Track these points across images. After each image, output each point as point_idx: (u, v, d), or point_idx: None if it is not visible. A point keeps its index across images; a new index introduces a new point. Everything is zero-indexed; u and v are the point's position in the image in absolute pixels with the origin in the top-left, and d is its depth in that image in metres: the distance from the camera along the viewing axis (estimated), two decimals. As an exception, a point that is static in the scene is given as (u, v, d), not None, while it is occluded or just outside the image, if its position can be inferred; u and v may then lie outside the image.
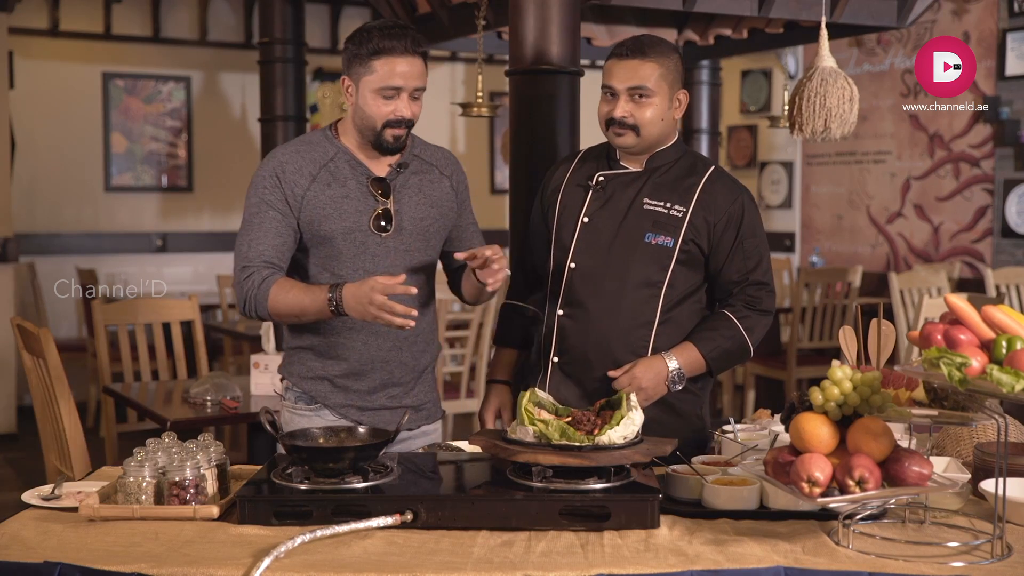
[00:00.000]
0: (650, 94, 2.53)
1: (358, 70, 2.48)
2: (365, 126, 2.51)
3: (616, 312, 2.57)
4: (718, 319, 2.59)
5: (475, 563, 1.78)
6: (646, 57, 2.52)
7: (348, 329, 2.54)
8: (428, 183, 2.61)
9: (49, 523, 2.02)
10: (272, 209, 2.49)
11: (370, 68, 2.46)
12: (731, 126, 8.79)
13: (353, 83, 2.50)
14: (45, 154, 7.78)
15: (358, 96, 2.50)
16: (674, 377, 2.54)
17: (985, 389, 1.76)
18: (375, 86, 2.46)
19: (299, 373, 2.61)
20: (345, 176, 2.53)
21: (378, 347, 2.56)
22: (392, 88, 2.46)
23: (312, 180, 2.51)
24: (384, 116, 2.47)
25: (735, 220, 2.58)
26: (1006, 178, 7.02)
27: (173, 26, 8.15)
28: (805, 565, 1.78)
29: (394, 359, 2.58)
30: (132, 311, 4.61)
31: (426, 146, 2.67)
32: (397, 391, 2.60)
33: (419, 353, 2.62)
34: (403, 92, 2.47)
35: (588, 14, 4.45)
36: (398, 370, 2.59)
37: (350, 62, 2.50)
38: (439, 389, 4.61)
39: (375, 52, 2.45)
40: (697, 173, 2.61)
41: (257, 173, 2.55)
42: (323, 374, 2.57)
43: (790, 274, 8.03)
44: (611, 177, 2.64)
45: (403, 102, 2.48)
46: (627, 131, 2.55)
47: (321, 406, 2.58)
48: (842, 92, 2.98)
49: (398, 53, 2.45)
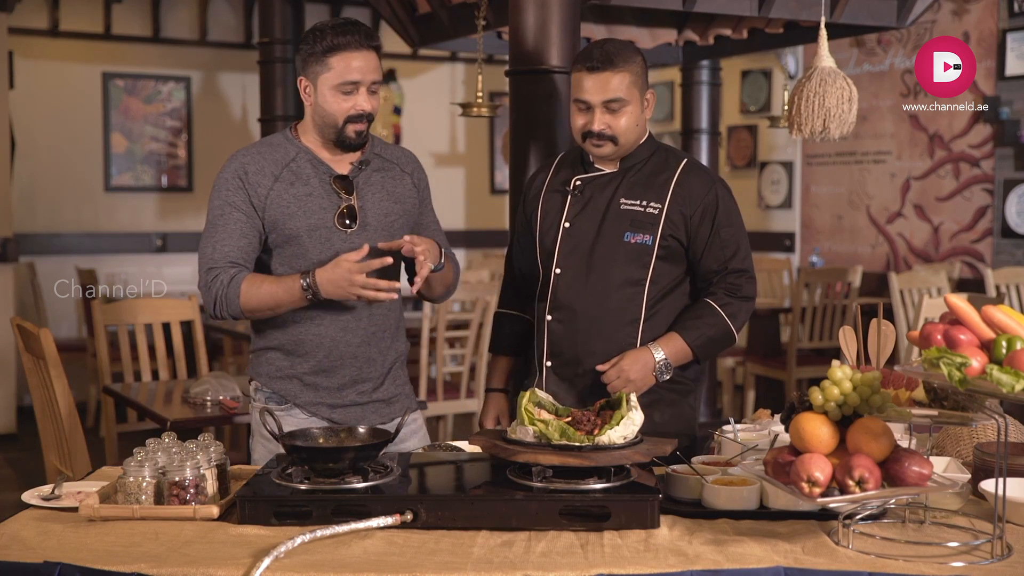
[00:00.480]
0: (624, 103, 2.57)
1: (315, 68, 2.51)
2: (326, 124, 2.53)
3: (602, 313, 2.62)
4: (701, 308, 2.63)
5: (475, 563, 1.78)
6: (616, 68, 2.55)
7: (316, 326, 2.56)
8: (390, 180, 2.64)
9: (49, 523, 2.02)
10: (236, 210, 2.51)
11: (327, 65, 2.49)
12: (731, 126, 8.79)
13: (311, 83, 2.54)
14: (45, 154, 7.78)
15: (316, 95, 2.53)
16: (661, 367, 2.58)
17: (985, 389, 1.76)
18: (333, 83, 2.49)
19: (267, 373, 2.62)
20: (308, 175, 2.55)
21: (347, 343, 2.57)
22: (350, 83, 2.49)
23: (275, 180, 2.54)
24: (345, 112, 2.50)
25: (710, 211, 2.61)
26: (1006, 178, 7.02)
27: (173, 26, 8.15)
28: (805, 565, 1.78)
29: (362, 355, 2.59)
30: (132, 311, 4.61)
31: (386, 145, 2.71)
32: (366, 387, 2.62)
33: (386, 348, 2.64)
34: (361, 86, 2.51)
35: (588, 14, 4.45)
36: (367, 366, 2.60)
37: (305, 62, 2.53)
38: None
39: (330, 49, 2.48)
40: (670, 168, 2.65)
41: (219, 176, 2.57)
42: (291, 372, 2.59)
43: (790, 274, 8.03)
44: (587, 180, 2.68)
45: (362, 96, 2.51)
46: (606, 142, 2.59)
47: (292, 405, 2.59)
48: (841, 92, 2.98)
49: (353, 48, 2.48)
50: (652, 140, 2.71)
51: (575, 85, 2.62)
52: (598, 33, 4.64)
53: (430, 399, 5.45)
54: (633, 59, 2.58)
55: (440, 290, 2.68)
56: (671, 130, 8.87)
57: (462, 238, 9.27)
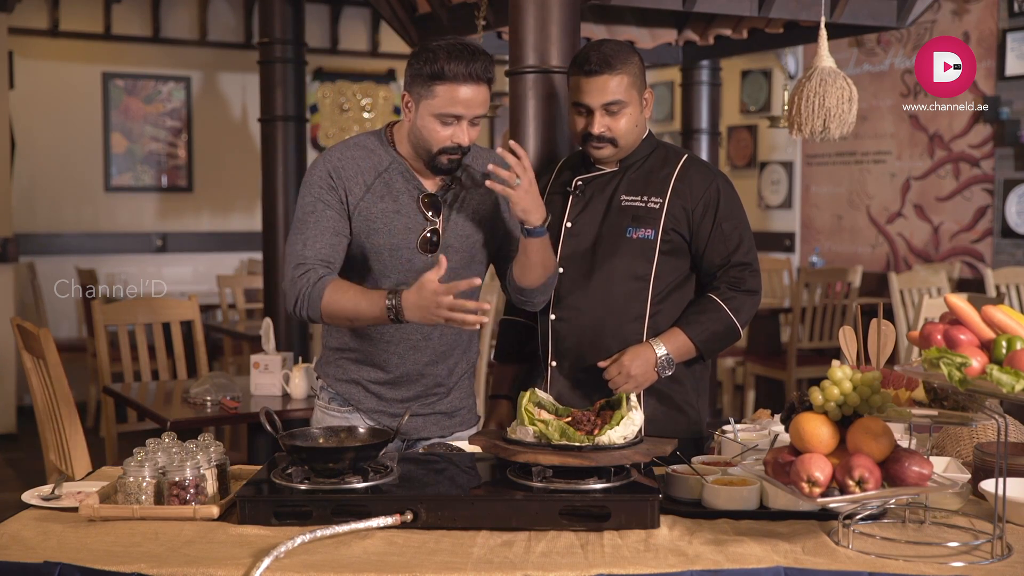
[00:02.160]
0: (623, 105, 2.57)
1: (419, 90, 2.38)
2: (420, 146, 2.43)
3: (607, 309, 2.61)
4: (704, 302, 2.62)
5: (475, 563, 1.78)
6: (614, 70, 2.54)
7: (386, 342, 2.50)
8: (478, 199, 2.53)
9: (49, 523, 2.02)
10: (329, 208, 2.42)
11: (432, 91, 2.36)
12: (731, 126, 8.79)
13: (413, 101, 2.41)
14: (45, 154, 7.78)
15: (416, 115, 2.40)
16: (663, 363, 2.56)
17: (985, 389, 1.76)
18: (435, 111, 2.36)
19: (335, 375, 2.59)
20: (398, 190, 2.47)
21: (415, 361, 2.52)
22: (452, 116, 2.36)
23: (367, 189, 2.45)
24: (441, 142, 2.39)
25: (711, 205, 2.60)
26: (1006, 178, 7.02)
27: (173, 26, 8.15)
28: (805, 565, 1.78)
29: (430, 372, 2.55)
30: (132, 311, 4.61)
31: (479, 152, 2.57)
32: (432, 400, 2.58)
33: (455, 364, 2.59)
34: (463, 120, 2.38)
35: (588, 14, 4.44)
36: (433, 382, 2.56)
37: (412, 80, 2.39)
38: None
39: (438, 75, 2.34)
40: (670, 164, 2.65)
41: (312, 172, 2.47)
42: (358, 378, 2.56)
43: (790, 274, 8.03)
44: (588, 180, 2.68)
45: (462, 128, 2.38)
46: (605, 144, 2.59)
47: (354, 409, 2.58)
48: (841, 92, 2.98)
49: (462, 80, 2.33)
50: (652, 138, 2.71)
51: (573, 89, 2.61)
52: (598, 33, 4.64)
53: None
54: (630, 60, 2.58)
55: (540, 273, 2.50)
56: (671, 130, 8.87)
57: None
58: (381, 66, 8.96)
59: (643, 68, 2.63)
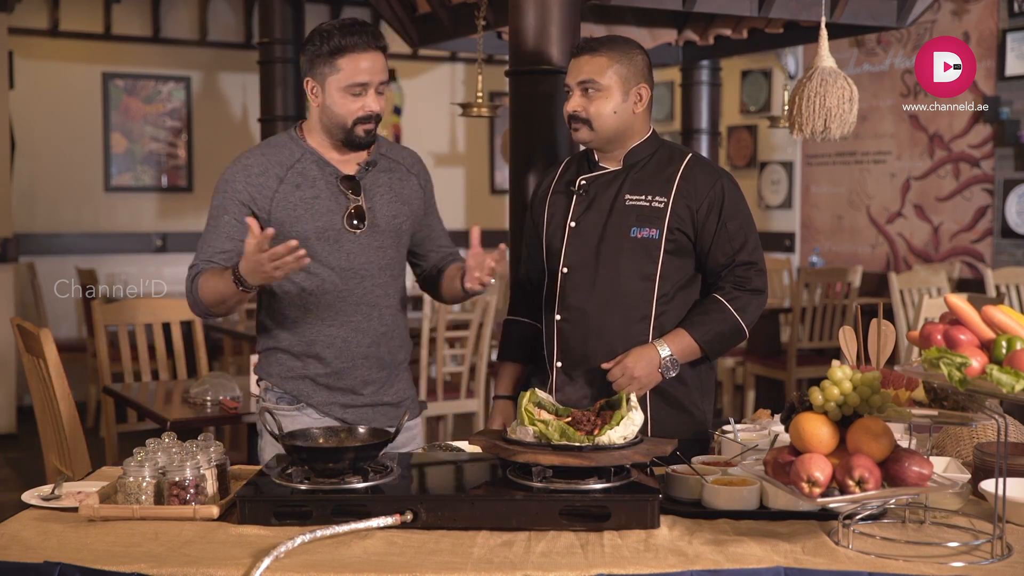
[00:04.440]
0: (599, 87, 2.57)
1: (322, 70, 2.50)
2: (335, 125, 2.53)
3: (612, 309, 2.59)
4: (709, 303, 2.61)
5: (475, 563, 1.78)
6: (596, 52, 2.57)
7: (327, 327, 2.57)
8: (397, 181, 2.64)
9: (49, 523, 2.02)
10: (227, 214, 2.52)
11: (335, 67, 2.48)
12: (731, 126, 8.79)
13: (318, 84, 2.52)
14: (45, 154, 7.78)
15: (325, 96, 2.52)
16: (667, 364, 2.55)
17: (985, 389, 1.76)
18: (342, 84, 2.49)
19: (279, 373, 2.62)
20: (314, 176, 2.55)
21: (358, 343, 2.58)
22: (359, 84, 2.49)
23: (280, 182, 2.53)
24: (354, 113, 2.50)
25: (716, 204, 2.60)
26: (1006, 178, 7.02)
27: (173, 26, 8.15)
28: (805, 565, 1.78)
29: (372, 355, 2.60)
30: (132, 311, 4.61)
31: (392, 145, 2.72)
32: (374, 388, 2.63)
33: (395, 349, 2.66)
34: (369, 87, 2.50)
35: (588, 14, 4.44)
36: (376, 366, 2.61)
37: (312, 63, 2.52)
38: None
39: (337, 50, 2.47)
40: (675, 163, 2.64)
41: (221, 177, 2.57)
42: (304, 374, 2.59)
43: (790, 274, 8.03)
44: (592, 179, 2.68)
45: (371, 97, 2.51)
46: (581, 125, 2.60)
47: (304, 405, 2.60)
48: (842, 92, 2.98)
49: (360, 49, 2.47)
50: (656, 137, 2.70)
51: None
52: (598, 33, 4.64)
53: (430, 399, 5.45)
54: (624, 50, 2.59)
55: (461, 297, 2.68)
56: (671, 130, 8.87)
57: (462, 238, 9.26)
58: (381, 66, 8.96)
59: (639, 63, 2.61)
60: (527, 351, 2.81)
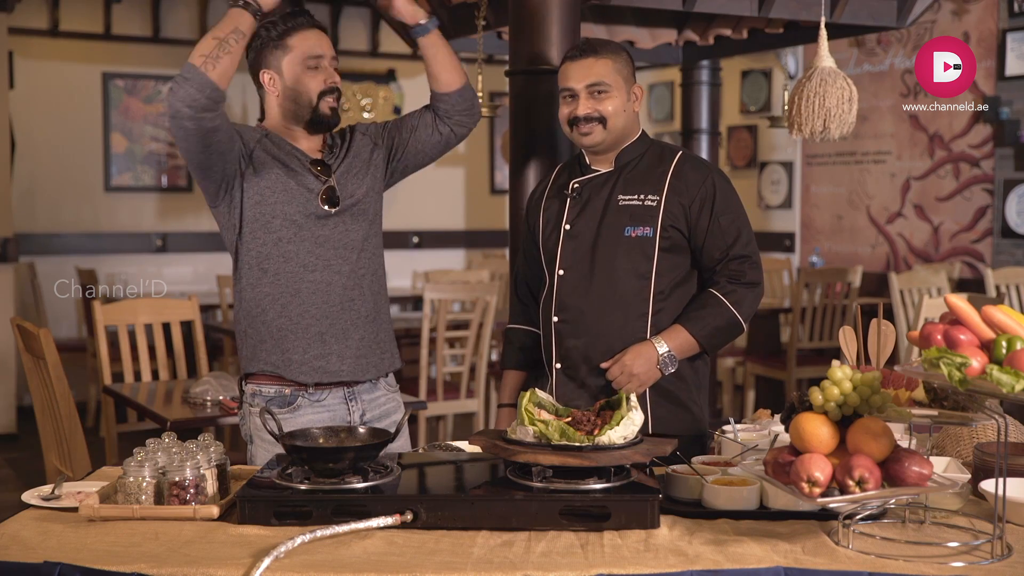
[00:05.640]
0: (608, 88, 2.60)
1: (275, 55, 2.57)
2: (300, 105, 2.58)
3: (609, 309, 2.61)
4: (705, 298, 2.63)
5: (475, 563, 1.78)
6: (598, 55, 2.61)
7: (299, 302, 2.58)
8: (356, 150, 2.69)
9: (49, 523, 2.02)
10: None
11: (287, 47, 2.56)
12: (731, 126, 8.79)
13: (274, 71, 2.58)
14: (45, 154, 7.78)
15: (283, 79, 2.58)
16: (665, 360, 2.57)
17: (985, 389, 1.76)
18: (298, 60, 2.56)
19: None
20: (287, 152, 2.59)
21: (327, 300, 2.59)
22: (315, 56, 2.56)
23: (257, 143, 2.58)
24: (318, 86, 2.57)
25: (708, 200, 2.61)
26: (1006, 178, 7.02)
27: (173, 26, 8.15)
28: (805, 565, 1.78)
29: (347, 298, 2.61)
30: (132, 311, 4.61)
31: (344, 131, 2.77)
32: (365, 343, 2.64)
33: (376, 293, 2.68)
34: (324, 60, 2.58)
35: (588, 14, 4.44)
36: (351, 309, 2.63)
37: (261, 55, 2.58)
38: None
39: (285, 32, 2.56)
40: (665, 161, 2.66)
41: None
42: (285, 374, 2.60)
43: (790, 274, 8.03)
44: (585, 182, 2.69)
45: (328, 70, 2.58)
46: (593, 125, 2.61)
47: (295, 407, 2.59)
48: (841, 92, 2.98)
49: (306, 27, 2.57)
50: (646, 137, 2.72)
51: (560, 78, 2.66)
52: (598, 33, 4.64)
53: (430, 399, 5.45)
54: (616, 51, 2.64)
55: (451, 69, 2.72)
56: (671, 130, 8.87)
57: (462, 238, 9.27)
58: (381, 66, 8.96)
59: (631, 63, 2.66)
60: (529, 358, 2.82)
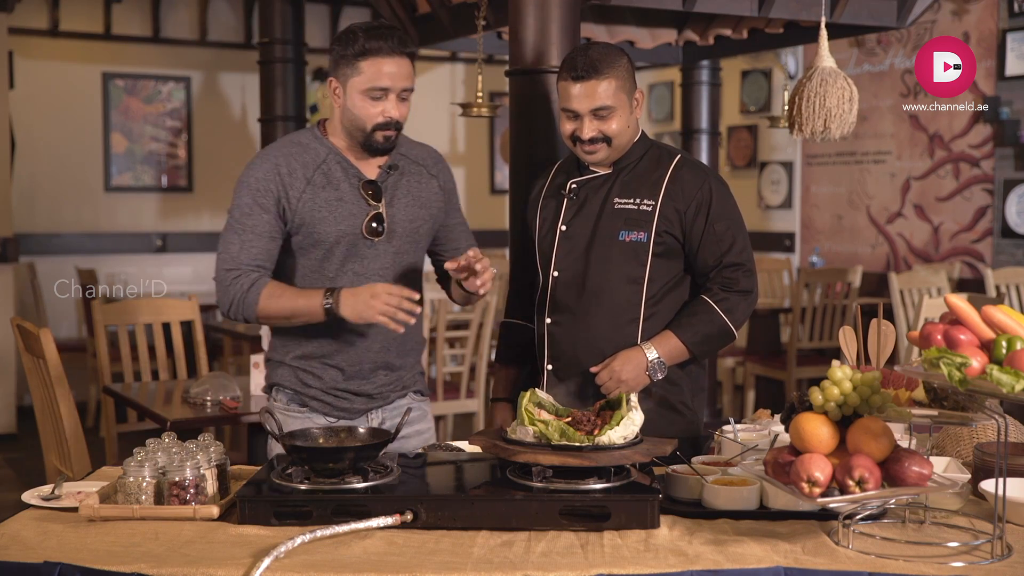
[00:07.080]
0: (612, 110, 2.56)
1: (345, 71, 2.49)
2: (354, 127, 2.52)
3: (601, 312, 2.61)
4: (696, 305, 2.62)
5: (475, 563, 1.78)
6: (601, 75, 2.54)
7: (347, 332, 2.54)
8: (417, 184, 2.63)
9: (49, 523, 2.02)
10: (266, 212, 2.49)
11: (357, 69, 2.47)
12: (731, 126, 8.79)
13: (340, 84, 2.51)
14: (45, 154, 7.78)
15: (346, 98, 2.50)
16: (654, 367, 2.56)
17: (985, 389, 1.77)
18: (362, 87, 2.47)
19: (290, 385, 2.61)
20: (338, 179, 2.53)
21: (367, 348, 2.57)
22: (379, 89, 2.47)
23: (307, 183, 2.51)
24: (373, 118, 2.49)
25: (704, 206, 2.59)
26: (1006, 178, 7.02)
27: (173, 26, 8.15)
28: (805, 565, 1.78)
29: (381, 360, 2.60)
30: (132, 311, 4.61)
31: (412, 145, 2.69)
32: (382, 383, 2.63)
33: (406, 353, 2.65)
34: (391, 93, 2.49)
35: (588, 14, 4.44)
36: (385, 369, 2.62)
37: (336, 64, 2.51)
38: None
39: (361, 53, 2.45)
40: (663, 165, 2.64)
41: (250, 173, 2.53)
42: (313, 384, 2.58)
43: (790, 274, 8.03)
44: (582, 183, 2.68)
45: (391, 103, 2.49)
46: (599, 145, 2.58)
47: (311, 411, 2.59)
48: (842, 92, 2.98)
49: (384, 54, 2.45)
50: (645, 139, 2.70)
51: (561, 94, 2.60)
52: (598, 33, 4.64)
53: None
54: (618, 63, 2.57)
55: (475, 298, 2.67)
56: (671, 130, 8.87)
57: (462, 238, 9.24)
58: (381, 66, 8.95)
59: (632, 69, 2.62)
60: (523, 354, 2.82)
